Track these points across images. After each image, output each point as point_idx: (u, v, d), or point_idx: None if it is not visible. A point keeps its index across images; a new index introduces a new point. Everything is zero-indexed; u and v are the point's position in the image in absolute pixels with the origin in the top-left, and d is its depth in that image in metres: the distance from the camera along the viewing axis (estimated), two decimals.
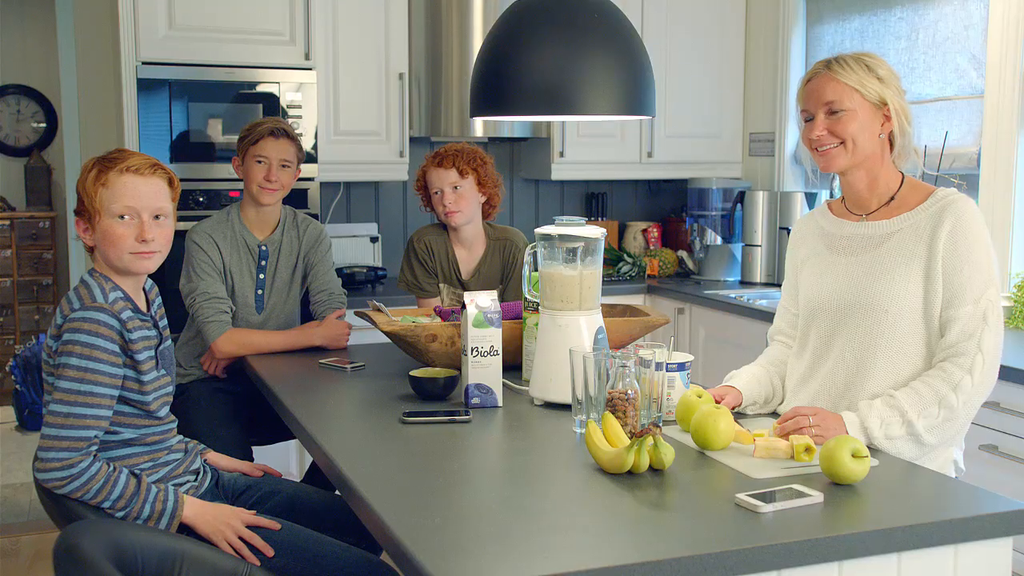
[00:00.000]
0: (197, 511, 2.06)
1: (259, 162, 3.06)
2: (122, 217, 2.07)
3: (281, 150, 3.07)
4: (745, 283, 4.52)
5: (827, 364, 2.17)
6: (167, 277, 3.68)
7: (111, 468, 2.00)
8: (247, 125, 3.16)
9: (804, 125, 2.15)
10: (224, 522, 2.06)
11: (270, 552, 2.05)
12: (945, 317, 2.04)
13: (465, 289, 3.25)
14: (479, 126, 4.39)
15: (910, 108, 2.12)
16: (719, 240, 4.63)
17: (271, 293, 3.14)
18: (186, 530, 2.05)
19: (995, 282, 2.03)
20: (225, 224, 3.10)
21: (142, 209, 2.08)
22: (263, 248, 3.12)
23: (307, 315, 3.25)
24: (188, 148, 3.83)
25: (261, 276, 3.12)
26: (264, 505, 2.33)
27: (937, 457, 2.06)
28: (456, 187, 3.15)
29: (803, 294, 2.25)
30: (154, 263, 2.12)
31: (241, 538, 2.05)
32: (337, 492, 2.58)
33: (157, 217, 2.10)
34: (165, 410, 2.17)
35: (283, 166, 3.08)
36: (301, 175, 3.26)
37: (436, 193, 3.18)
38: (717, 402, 2.13)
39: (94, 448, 2.00)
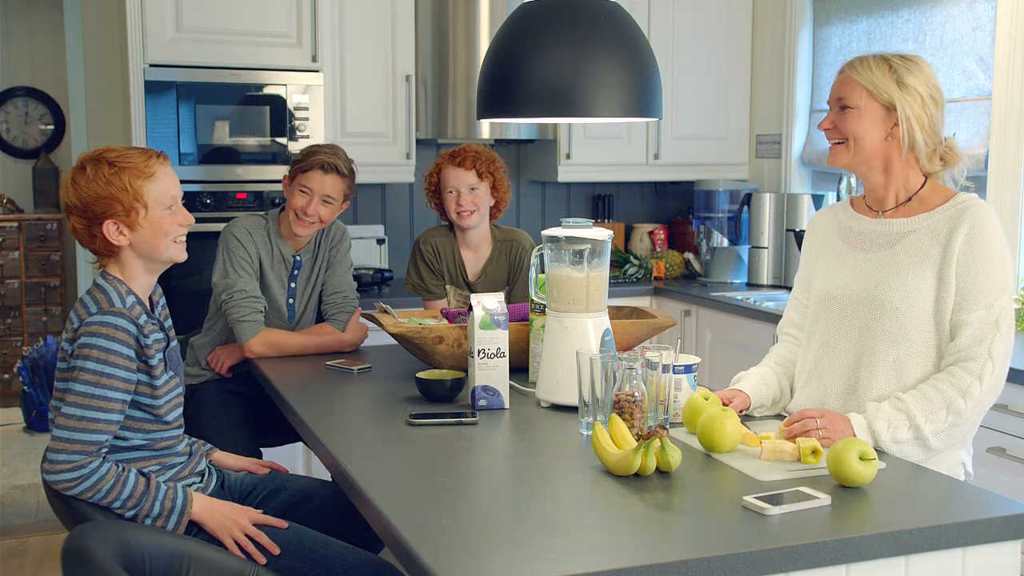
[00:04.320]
0: (205, 506, 2.07)
1: (303, 192, 3.00)
2: (170, 208, 2.12)
3: (327, 185, 2.99)
4: (752, 285, 4.51)
5: (834, 358, 2.16)
6: (172, 276, 3.69)
7: (120, 468, 2.00)
8: (307, 148, 3.07)
9: None
10: (231, 519, 2.07)
11: (276, 550, 2.05)
12: (956, 320, 2.03)
13: (471, 291, 3.25)
14: (485, 128, 4.39)
15: (936, 116, 2.06)
16: (726, 242, 4.62)
17: (301, 301, 3.15)
18: (193, 528, 2.06)
19: (1009, 290, 2.02)
20: (263, 228, 3.07)
21: (179, 196, 2.16)
22: (297, 259, 3.11)
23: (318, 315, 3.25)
24: (196, 150, 3.84)
25: (292, 285, 3.12)
26: (270, 503, 2.33)
27: (945, 460, 2.06)
28: (473, 188, 3.16)
29: (816, 285, 2.25)
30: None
31: (248, 536, 2.05)
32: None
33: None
34: (174, 414, 2.16)
35: (325, 202, 3.01)
36: None
37: (451, 192, 3.18)
38: (725, 405, 2.13)
39: (104, 451, 2.01)
